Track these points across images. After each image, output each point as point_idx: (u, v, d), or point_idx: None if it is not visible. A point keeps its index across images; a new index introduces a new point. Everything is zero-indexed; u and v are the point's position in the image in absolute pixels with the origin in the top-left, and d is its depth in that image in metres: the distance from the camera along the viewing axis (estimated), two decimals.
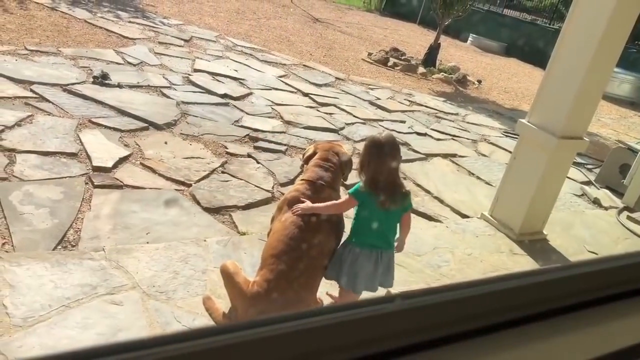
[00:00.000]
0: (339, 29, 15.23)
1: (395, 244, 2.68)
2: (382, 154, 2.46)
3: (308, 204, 2.52)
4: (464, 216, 4.71)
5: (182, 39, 8.87)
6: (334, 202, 2.59)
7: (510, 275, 0.51)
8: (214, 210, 3.82)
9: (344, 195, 2.64)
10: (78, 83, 5.64)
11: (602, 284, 0.58)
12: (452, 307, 0.48)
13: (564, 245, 4.49)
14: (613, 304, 0.59)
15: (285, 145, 5.33)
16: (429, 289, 0.50)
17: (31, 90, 5.15)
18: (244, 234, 3.60)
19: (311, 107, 6.91)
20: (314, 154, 2.77)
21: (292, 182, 4.55)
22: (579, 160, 7.00)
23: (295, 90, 7.51)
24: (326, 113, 6.78)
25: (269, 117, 6.09)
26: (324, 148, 2.78)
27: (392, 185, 2.48)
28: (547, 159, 4.14)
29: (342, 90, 8.24)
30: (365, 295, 2.66)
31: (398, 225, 2.64)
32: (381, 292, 2.72)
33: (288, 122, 6.05)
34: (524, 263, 4.04)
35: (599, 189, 6.27)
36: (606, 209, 5.72)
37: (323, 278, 2.61)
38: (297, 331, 0.43)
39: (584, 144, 4.31)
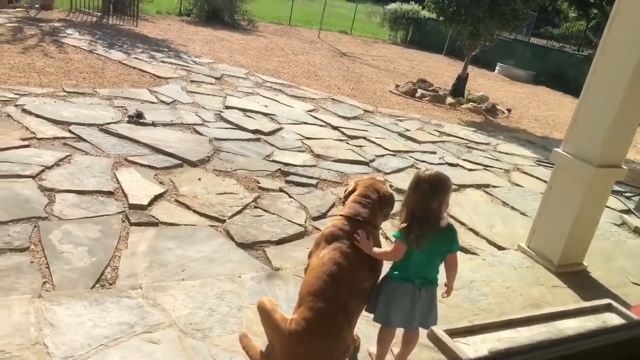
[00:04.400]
0: (366, 62, 15.39)
1: (445, 288, 2.60)
2: (419, 191, 2.40)
3: (370, 244, 2.48)
4: (501, 248, 4.61)
5: (213, 77, 9.08)
6: (388, 250, 2.53)
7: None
8: (247, 246, 3.83)
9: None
10: (114, 122, 5.80)
11: None
12: None
13: (606, 277, 4.35)
14: None
15: (316, 178, 5.35)
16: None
17: (69, 131, 5.31)
18: (278, 269, 3.59)
19: (341, 140, 6.95)
20: (354, 190, 2.75)
21: (324, 215, 4.54)
22: (616, 188, 6.83)
23: (325, 124, 7.56)
24: (356, 145, 6.80)
25: (300, 151, 6.13)
26: (364, 184, 2.74)
27: (427, 223, 2.37)
28: (584, 188, 4.04)
29: (371, 123, 8.27)
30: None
31: (443, 264, 2.56)
32: (422, 332, 2.66)
33: (318, 156, 6.08)
34: (564, 296, 3.91)
35: (639, 218, 6.08)
36: None
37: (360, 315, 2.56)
38: None
39: (622, 172, 4.21)
